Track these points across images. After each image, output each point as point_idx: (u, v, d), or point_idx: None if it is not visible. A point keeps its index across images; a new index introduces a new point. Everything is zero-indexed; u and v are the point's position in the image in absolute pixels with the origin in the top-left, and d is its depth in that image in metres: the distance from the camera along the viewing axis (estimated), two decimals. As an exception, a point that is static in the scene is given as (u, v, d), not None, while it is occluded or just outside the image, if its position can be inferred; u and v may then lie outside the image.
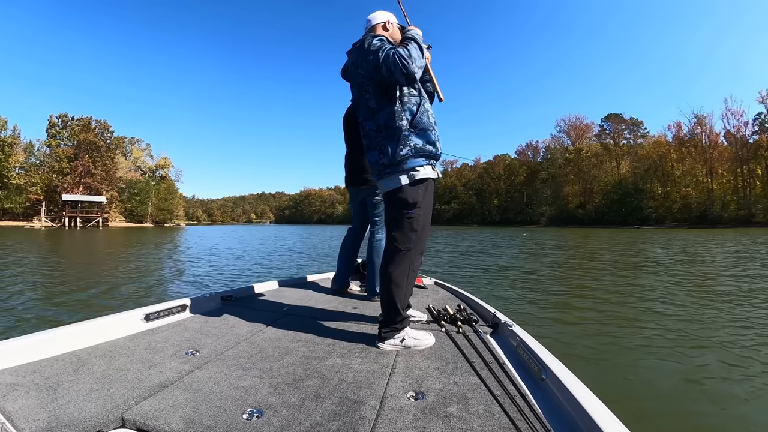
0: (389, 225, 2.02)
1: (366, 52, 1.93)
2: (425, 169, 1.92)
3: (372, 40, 1.93)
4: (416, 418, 1.19)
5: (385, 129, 1.92)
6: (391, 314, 1.90)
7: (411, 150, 1.89)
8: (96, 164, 67.24)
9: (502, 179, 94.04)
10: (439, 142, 2.00)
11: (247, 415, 1.19)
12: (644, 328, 4.24)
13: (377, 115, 1.95)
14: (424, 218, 1.96)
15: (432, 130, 1.96)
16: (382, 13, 2.17)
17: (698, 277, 7.93)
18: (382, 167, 1.95)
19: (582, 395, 1.18)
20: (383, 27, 2.13)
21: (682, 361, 3.28)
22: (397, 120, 1.89)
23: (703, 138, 66.62)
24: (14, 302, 5.46)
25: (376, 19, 2.15)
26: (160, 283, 7.67)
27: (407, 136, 1.89)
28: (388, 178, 1.95)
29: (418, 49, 1.88)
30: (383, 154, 1.93)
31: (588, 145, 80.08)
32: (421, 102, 1.95)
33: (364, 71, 1.95)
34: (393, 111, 1.91)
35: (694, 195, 63.81)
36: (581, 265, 10.52)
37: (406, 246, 1.93)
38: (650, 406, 2.51)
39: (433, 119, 2.00)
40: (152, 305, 2.28)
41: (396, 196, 1.93)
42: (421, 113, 1.93)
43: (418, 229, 1.93)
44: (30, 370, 1.47)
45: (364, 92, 1.99)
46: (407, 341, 1.87)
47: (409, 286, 1.95)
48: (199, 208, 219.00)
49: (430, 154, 1.94)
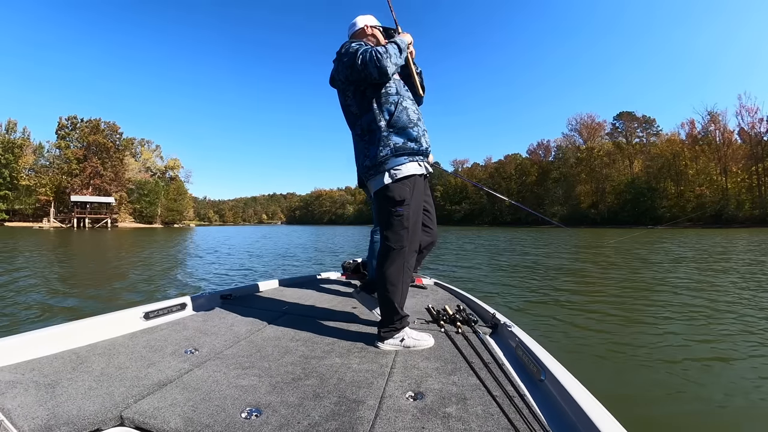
0: (381, 225, 2.03)
1: (343, 55, 1.99)
2: (408, 166, 1.95)
3: (350, 44, 2.00)
4: (415, 418, 1.19)
5: (367, 132, 1.99)
6: (389, 313, 1.91)
7: (391, 150, 1.93)
8: (105, 165, 67.95)
9: (513, 179, 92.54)
10: (425, 137, 2.04)
11: (246, 414, 1.19)
12: (644, 329, 4.24)
13: (360, 120, 2.02)
14: (415, 215, 1.97)
15: (413, 127, 1.99)
16: (363, 17, 2.22)
17: (705, 278, 7.72)
18: (366, 169, 2.01)
19: (580, 396, 1.19)
20: (363, 31, 2.19)
21: (683, 362, 3.26)
22: (377, 122, 1.95)
23: (717, 136, 65.12)
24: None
25: (357, 25, 2.21)
26: (159, 281, 7.58)
27: (386, 136, 1.94)
28: (373, 179, 2.00)
29: (397, 50, 1.94)
30: (366, 156, 1.99)
31: (600, 144, 78.70)
32: (398, 101, 1.99)
33: (342, 76, 2.01)
34: (373, 114, 1.96)
35: (708, 194, 62.37)
36: (585, 266, 10.29)
37: (398, 244, 1.93)
38: (649, 407, 2.52)
39: (415, 115, 2.03)
40: (151, 303, 2.27)
41: (383, 196, 1.97)
42: (399, 112, 1.96)
43: (408, 226, 1.94)
44: (29, 368, 1.47)
45: (346, 98, 2.07)
46: (407, 341, 1.87)
47: (405, 285, 1.95)
48: (211, 209, 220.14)
49: (413, 150, 1.97)
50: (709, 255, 12.53)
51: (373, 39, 2.18)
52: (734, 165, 61.56)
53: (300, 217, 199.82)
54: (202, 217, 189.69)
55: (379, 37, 2.19)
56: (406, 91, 2.10)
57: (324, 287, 3.37)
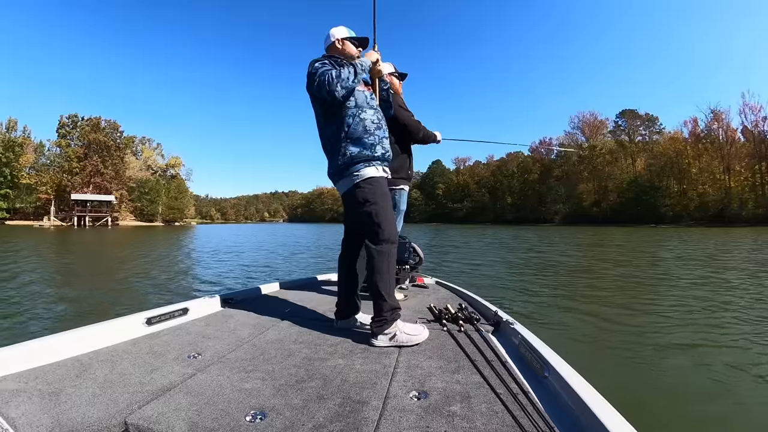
0: (357, 225, 2.19)
1: (308, 75, 2.09)
2: (366, 170, 2.06)
3: (313, 64, 2.09)
4: (419, 418, 1.20)
5: (329, 144, 2.13)
6: (379, 302, 1.97)
7: (347, 158, 2.05)
8: (105, 164, 67.87)
9: (515, 177, 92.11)
10: (381, 144, 2.12)
11: (250, 418, 1.19)
12: (647, 325, 4.23)
13: (325, 131, 2.16)
14: (384, 213, 2.05)
15: (368, 136, 2.08)
16: (335, 30, 2.29)
17: (707, 276, 7.72)
18: (332, 176, 2.17)
19: (584, 392, 1.19)
20: (334, 46, 2.28)
21: (687, 358, 3.26)
22: (336, 134, 2.08)
23: (720, 134, 64.48)
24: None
25: (329, 39, 2.29)
26: (159, 286, 7.52)
27: (344, 146, 2.06)
28: (338, 184, 2.15)
29: (352, 73, 2.02)
30: (330, 165, 2.15)
31: (602, 142, 78.10)
32: (356, 113, 2.08)
33: (308, 92, 2.14)
34: (333, 126, 2.10)
35: (711, 193, 61.82)
36: (586, 264, 10.41)
37: (375, 240, 2.03)
38: (653, 402, 2.51)
39: (373, 125, 2.11)
40: (153, 309, 2.26)
41: (350, 199, 2.11)
42: (355, 124, 2.07)
43: (379, 222, 2.03)
44: (33, 376, 1.47)
45: (315, 109, 2.19)
46: (399, 336, 1.90)
47: (390, 275, 2.03)
48: (213, 207, 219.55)
49: (367, 157, 2.07)
50: (711, 252, 12.58)
51: (345, 52, 2.27)
52: (737, 163, 60.94)
53: (302, 215, 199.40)
54: (204, 215, 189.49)
55: (350, 49, 2.28)
56: (371, 100, 2.20)
57: (325, 289, 3.38)
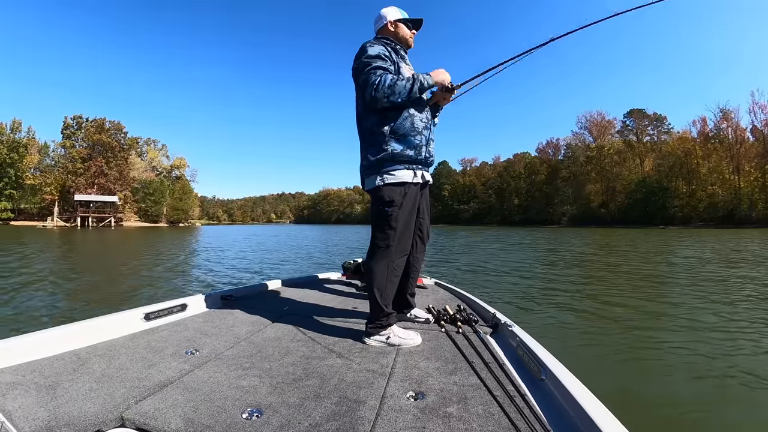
0: (372, 223, 2.09)
1: (357, 65, 2.00)
2: (401, 173, 1.98)
3: (369, 51, 1.96)
4: (416, 418, 1.19)
5: (369, 134, 2.02)
6: (375, 310, 1.96)
7: (388, 155, 1.96)
8: (109, 165, 68.01)
9: (522, 178, 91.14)
10: (427, 146, 2.06)
11: (247, 415, 1.19)
12: (644, 329, 4.24)
13: (364, 120, 2.05)
14: (404, 218, 1.99)
15: (416, 135, 2.00)
16: (387, 10, 2.18)
17: (709, 278, 7.70)
18: (364, 169, 2.08)
19: (581, 395, 1.19)
20: (387, 28, 2.17)
21: (684, 362, 3.25)
22: (379, 126, 1.97)
23: (729, 133, 63.49)
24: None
25: (382, 20, 2.18)
26: (159, 283, 7.52)
27: (386, 141, 1.96)
28: (367, 178, 2.06)
29: (406, 91, 1.89)
30: (364, 157, 2.05)
31: (610, 142, 77.19)
32: (404, 108, 1.98)
33: (354, 79, 2.05)
34: (375, 117, 1.99)
35: (721, 193, 60.78)
36: (586, 265, 10.41)
37: (385, 243, 1.98)
38: (649, 406, 2.51)
39: (421, 123, 2.03)
40: (152, 304, 2.26)
41: (374, 196, 2.04)
42: (403, 119, 1.97)
43: (396, 227, 1.97)
44: (30, 369, 1.47)
45: (358, 96, 2.07)
46: (392, 339, 1.89)
47: (389, 284, 1.99)
48: (220, 208, 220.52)
49: (410, 159, 1.99)
50: (717, 255, 12.30)
51: (399, 35, 2.17)
52: (747, 163, 59.93)
53: (308, 217, 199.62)
54: (211, 216, 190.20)
55: (403, 32, 2.17)
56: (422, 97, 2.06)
57: (325, 287, 3.37)
